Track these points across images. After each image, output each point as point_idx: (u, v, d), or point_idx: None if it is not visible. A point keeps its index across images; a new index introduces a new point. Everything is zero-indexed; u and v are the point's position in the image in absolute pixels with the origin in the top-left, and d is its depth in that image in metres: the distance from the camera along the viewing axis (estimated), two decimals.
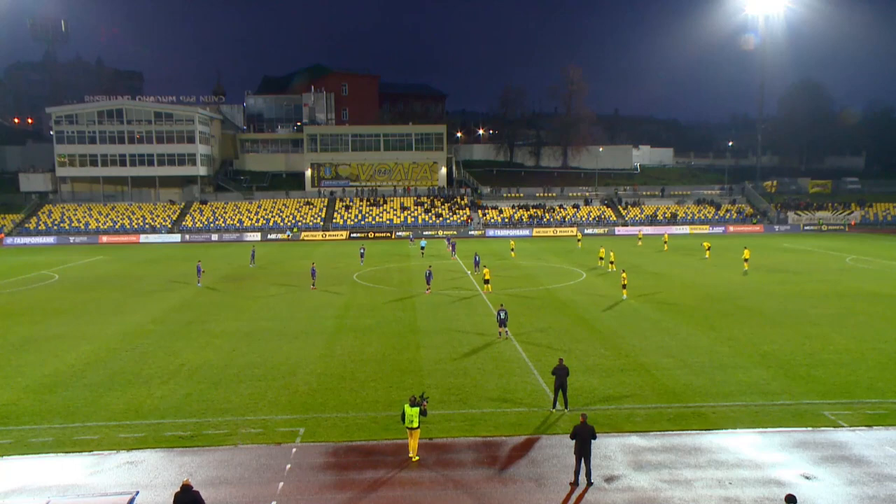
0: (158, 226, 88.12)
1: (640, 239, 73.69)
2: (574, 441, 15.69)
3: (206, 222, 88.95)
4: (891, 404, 20.29)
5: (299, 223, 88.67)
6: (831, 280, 44.11)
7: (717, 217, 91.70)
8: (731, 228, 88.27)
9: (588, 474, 15.61)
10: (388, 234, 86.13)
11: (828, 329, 29.84)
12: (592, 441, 15.69)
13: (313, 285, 43.23)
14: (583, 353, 26.25)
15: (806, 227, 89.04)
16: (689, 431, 18.50)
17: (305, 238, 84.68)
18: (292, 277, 48.41)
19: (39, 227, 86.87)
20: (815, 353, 25.84)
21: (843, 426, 18.65)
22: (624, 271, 41.08)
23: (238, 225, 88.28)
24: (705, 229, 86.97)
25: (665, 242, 66.14)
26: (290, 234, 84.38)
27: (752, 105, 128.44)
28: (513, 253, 61.58)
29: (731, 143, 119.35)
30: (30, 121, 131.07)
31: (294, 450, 17.53)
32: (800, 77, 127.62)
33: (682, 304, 36.31)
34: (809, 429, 18.53)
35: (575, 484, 15.52)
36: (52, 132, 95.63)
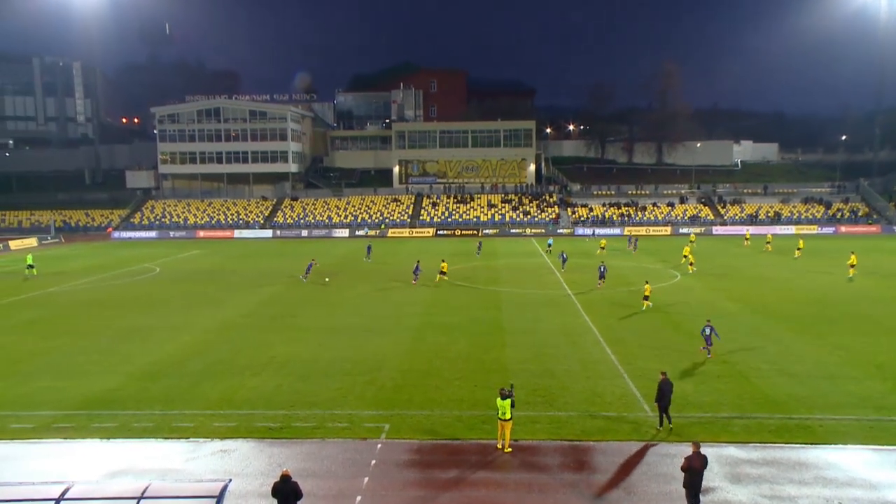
0: (251, 221, 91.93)
1: (747, 239, 70.06)
2: (685, 474, 14.33)
3: (296, 218, 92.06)
4: None
5: (387, 220, 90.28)
6: None
7: (826, 217, 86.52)
8: (843, 229, 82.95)
9: None
10: (475, 232, 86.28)
11: None
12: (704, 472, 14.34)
13: (415, 280, 43.72)
14: (676, 358, 25.39)
15: None
16: (792, 445, 17.55)
17: (392, 235, 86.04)
18: (380, 273, 49.36)
19: (143, 222, 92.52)
20: None
21: None
22: (647, 282, 37.12)
23: (327, 221, 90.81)
24: (813, 230, 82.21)
25: (768, 243, 62.89)
26: (367, 233, 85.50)
27: (870, 96, 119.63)
28: (601, 251, 60.42)
29: (843, 137, 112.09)
30: (136, 120, 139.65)
31: (379, 445, 17.86)
32: None
33: (784, 308, 34.47)
34: None
35: None
36: (155, 131, 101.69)
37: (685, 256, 50.50)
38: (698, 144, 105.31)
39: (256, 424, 19.39)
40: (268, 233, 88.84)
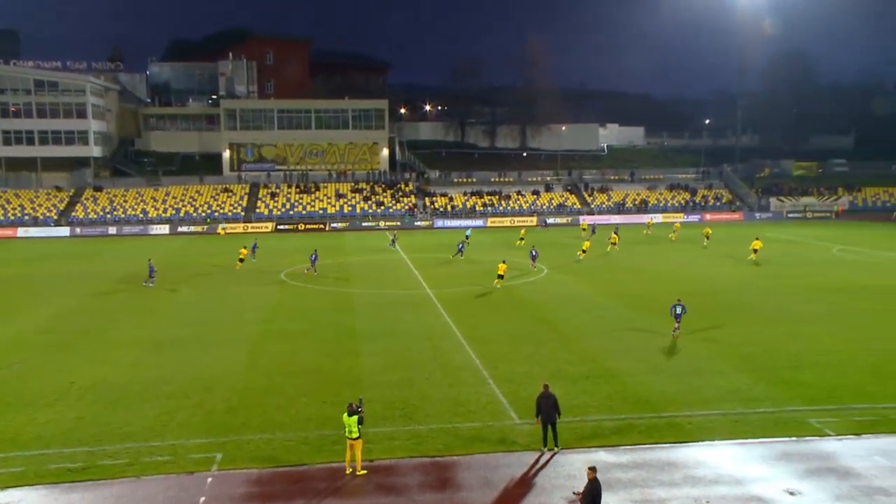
0: (41, 217, 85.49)
1: (649, 227, 75.67)
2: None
3: (101, 213, 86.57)
4: (881, 410, 21.11)
5: (216, 213, 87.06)
6: (818, 273, 45.76)
7: (692, 203, 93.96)
8: (708, 216, 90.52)
9: None
10: (321, 226, 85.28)
11: (815, 327, 30.93)
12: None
13: (314, 270, 47.35)
14: (544, 358, 26.53)
15: (789, 215, 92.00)
16: (662, 445, 18.89)
17: (222, 232, 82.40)
18: (210, 276, 47.58)
19: None
20: (800, 355, 26.71)
21: (829, 435, 19.32)
22: (504, 262, 42.71)
23: (142, 216, 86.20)
24: (679, 217, 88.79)
25: (674, 232, 67.43)
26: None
27: (735, 79, 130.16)
28: (520, 242, 62.24)
29: (707, 122, 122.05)
30: None
31: (209, 479, 17.22)
32: (784, 46, 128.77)
33: (659, 301, 36.89)
34: (793, 438, 19.14)
35: None
36: None
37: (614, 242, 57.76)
38: (563, 128, 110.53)
39: (50, 466, 17.97)
40: (64, 230, 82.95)
